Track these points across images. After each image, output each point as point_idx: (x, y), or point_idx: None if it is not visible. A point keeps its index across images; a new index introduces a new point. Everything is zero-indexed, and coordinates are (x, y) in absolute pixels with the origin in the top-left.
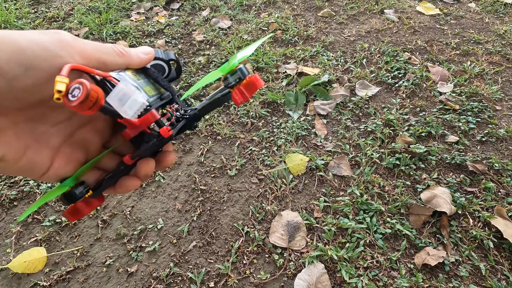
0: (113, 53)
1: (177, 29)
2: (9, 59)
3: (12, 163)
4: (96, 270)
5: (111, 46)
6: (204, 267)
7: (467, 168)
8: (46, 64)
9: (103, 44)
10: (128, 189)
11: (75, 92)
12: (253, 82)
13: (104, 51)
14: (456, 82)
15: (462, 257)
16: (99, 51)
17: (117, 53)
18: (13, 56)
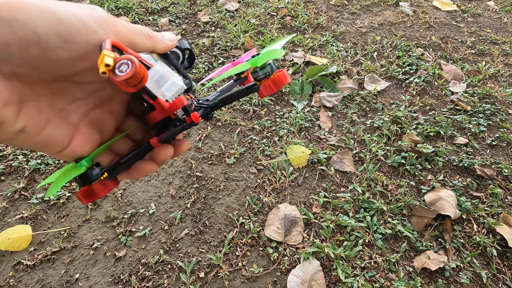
0: (142, 35)
1: (182, 8)
2: (48, 28)
3: (32, 136)
4: (82, 252)
5: (141, 28)
6: (195, 256)
7: (475, 172)
8: (83, 39)
9: (133, 25)
10: (144, 173)
11: (122, 67)
12: (280, 79)
13: (135, 32)
14: (469, 82)
15: (463, 263)
16: (130, 32)
17: (146, 36)
18: (53, 26)
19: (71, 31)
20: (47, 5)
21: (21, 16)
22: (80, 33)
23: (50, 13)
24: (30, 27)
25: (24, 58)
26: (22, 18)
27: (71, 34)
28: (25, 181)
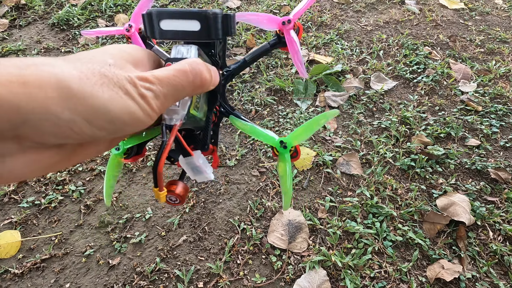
0: (188, 86)
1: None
2: (100, 127)
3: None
4: (74, 260)
5: (189, 82)
6: (193, 264)
7: (489, 175)
8: (132, 129)
9: (182, 85)
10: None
11: (172, 198)
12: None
13: (178, 89)
14: (480, 82)
15: (479, 273)
16: (178, 95)
17: (193, 86)
18: (106, 126)
19: (120, 127)
20: (98, 104)
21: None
22: (130, 127)
23: (103, 113)
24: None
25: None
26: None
27: (121, 129)
28: (15, 184)
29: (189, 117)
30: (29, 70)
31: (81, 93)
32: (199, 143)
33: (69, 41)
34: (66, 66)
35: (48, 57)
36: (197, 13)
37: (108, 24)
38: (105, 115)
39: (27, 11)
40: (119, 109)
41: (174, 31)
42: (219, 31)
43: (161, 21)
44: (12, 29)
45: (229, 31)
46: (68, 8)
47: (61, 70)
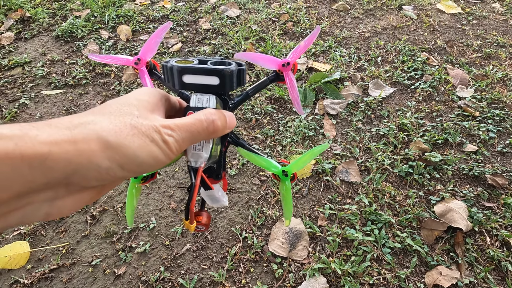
0: (204, 133)
1: (183, 16)
2: (129, 171)
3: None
4: (81, 270)
5: (203, 128)
6: (197, 273)
7: (486, 181)
8: (153, 169)
9: (198, 131)
10: None
11: (199, 226)
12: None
13: (195, 136)
14: (477, 87)
15: (477, 279)
16: (194, 139)
17: (207, 132)
18: (134, 169)
19: (144, 169)
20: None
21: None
22: (155, 166)
23: (132, 160)
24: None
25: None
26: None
27: (144, 170)
28: None
29: (210, 158)
30: (77, 130)
31: (116, 144)
32: (213, 173)
33: (73, 53)
34: (104, 121)
35: (90, 112)
36: (217, 71)
37: (111, 35)
38: (135, 161)
39: (32, 24)
40: (146, 155)
41: (195, 84)
42: (234, 84)
43: (184, 76)
44: (17, 41)
45: (241, 83)
46: (71, 20)
47: (101, 126)
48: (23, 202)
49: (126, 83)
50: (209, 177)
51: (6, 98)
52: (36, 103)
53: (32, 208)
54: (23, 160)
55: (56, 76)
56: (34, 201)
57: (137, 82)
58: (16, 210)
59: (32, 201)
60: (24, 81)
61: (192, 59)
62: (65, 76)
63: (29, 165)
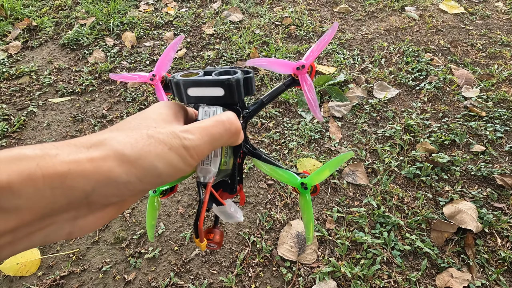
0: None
1: (186, 22)
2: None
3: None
4: (91, 276)
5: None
6: (206, 278)
7: (495, 181)
8: (174, 179)
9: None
10: None
11: (211, 244)
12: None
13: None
14: (483, 87)
15: (489, 281)
16: (216, 143)
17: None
18: (154, 181)
19: (166, 179)
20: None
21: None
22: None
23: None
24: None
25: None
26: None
27: (165, 180)
28: None
29: (220, 173)
30: (94, 147)
31: (133, 157)
32: (227, 187)
33: (79, 61)
34: (120, 136)
35: (108, 130)
36: (221, 82)
37: (116, 42)
38: (153, 172)
39: (38, 33)
40: (164, 164)
41: (200, 97)
42: (242, 94)
43: (188, 89)
44: (24, 50)
45: (250, 92)
46: (77, 28)
47: (117, 141)
48: (46, 223)
49: (132, 89)
50: (223, 191)
51: (14, 106)
52: (44, 110)
53: (55, 228)
54: (44, 180)
55: (63, 83)
56: (56, 221)
57: (142, 88)
58: (39, 230)
59: (55, 221)
60: (32, 89)
61: (198, 71)
62: (71, 83)
63: (50, 186)
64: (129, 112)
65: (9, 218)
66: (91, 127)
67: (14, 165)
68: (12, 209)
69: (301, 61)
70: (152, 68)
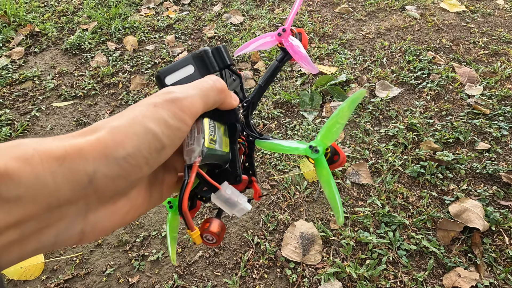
0: (215, 94)
1: (187, 25)
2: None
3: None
4: (95, 279)
5: (211, 87)
6: (210, 280)
7: (501, 179)
8: (174, 142)
9: (203, 87)
10: None
11: (208, 237)
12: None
13: (208, 96)
14: (486, 84)
15: (497, 280)
16: (205, 97)
17: (217, 92)
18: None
19: (164, 143)
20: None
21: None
22: (171, 138)
23: (145, 136)
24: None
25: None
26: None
27: (164, 144)
28: None
29: (207, 152)
30: (89, 132)
31: (124, 126)
32: (230, 176)
33: (81, 65)
34: (114, 117)
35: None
36: (186, 59)
37: (118, 46)
38: (148, 135)
39: (41, 38)
40: (156, 123)
41: (178, 82)
42: (214, 64)
43: (165, 78)
44: (27, 56)
45: (225, 61)
46: (79, 33)
47: (110, 121)
48: (55, 217)
49: (134, 92)
50: (229, 183)
51: (17, 111)
52: (47, 115)
53: (65, 224)
54: (43, 164)
55: (65, 88)
56: (66, 214)
57: (144, 91)
58: (48, 226)
59: (64, 214)
60: (35, 94)
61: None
62: (74, 87)
63: (50, 170)
64: None
65: (11, 209)
66: None
67: (10, 152)
68: (13, 199)
69: (281, 27)
70: (153, 71)
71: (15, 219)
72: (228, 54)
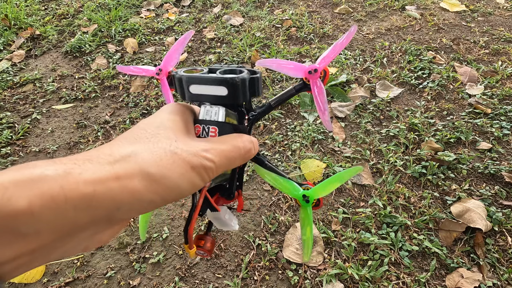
0: (239, 157)
1: (187, 26)
2: (162, 198)
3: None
4: (96, 282)
5: (240, 155)
6: (211, 282)
7: (503, 179)
8: (189, 194)
9: (237, 153)
10: None
11: (201, 252)
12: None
13: (235, 162)
14: (487, 84)
15: (500, 281)
16: (231, 163)
17: (241, 157)
18: (165, 196)
19: (173, 198)
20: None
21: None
22: (192, 192)
23: (173, 190)
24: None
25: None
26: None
27: (172, 199)
28: None
29: (217, 177)
30: (118, 165)
31: (159, 176)
32: (225, 192)
33: (82, 68)
34: (144, 152)
35: (127, 140)
36: (225, 81)
37: (118, 48)
38: (175, 190)
39: (41, 41)
40: (186, 183)
41: (202, 95)
42: (247, 95)
43: (190, 86)
44: (28, 59)
45: (256, 93)
46: (79, 36)
47: (142, 158)
48: (66, 242)
49: (134, 94)
50: (220, 196)
51: (18, 114)
52: (48, 117)
53: (73, 244)
54: (67, 202)
55: (66, 90)
56: (76, 238)
57: (144, 93)
58: (58, 248)
59: (75, 238)
60: (36, 96)
61: (202, 68)
62: (74, 90)
63: (74, 207)
64: (131, 118)
65: (29, 242)
66: (94, 133)
67: (36, 189)
68: (32, 233)
69: (314, 65)
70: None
71: (30, 250)
72: (261, 84)
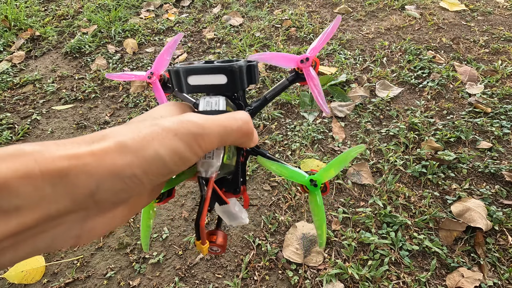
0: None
1: (187, 27)
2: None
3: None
4: (96, 283)
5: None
6: (211, 282)
7: (503, 178)
8: (181, 168)
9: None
10: None
11: (215, 248)
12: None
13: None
14: (487, 83)
15: (501, 280)
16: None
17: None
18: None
19: (173, 170)
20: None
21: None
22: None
23: (155, 162)
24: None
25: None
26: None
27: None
28: None
29: (223, 167)
30: (96, 143)
31: (135, 147)
32: (230, 186)
33: (81, 68)
34: (124, 129)
35: (115, 127)
36: (224, 68)
37: (118, 49)
38: (157, 162)
39: (41, 42)
40: (168, 151)
41: (202, 86)
42: (245, 82)
43: (189, 77)
44: (28, 60)
45: (253, 80)
46: (79, 37)
47: (119, 133)
48: (52, 224)
49: (134, 95)
50: (226, 192)
51: (18, 115)
52: (48, 118)
53: (61, 230)
54: (43, 177)
55: (66, 91)
56: (63, 222)
57: (144, 94)
58: (44, 232)
59: (62, 222)
60: (36, 97)
61: (198, 62)
62: (74, 91)
63: (51, 183)
64: (131, 118)
65: (9, 220)
66: None
67: (10, 162)
68: (12, 210)
69: (305, 54)
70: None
71: (13, 229)
72: (257, 72)
